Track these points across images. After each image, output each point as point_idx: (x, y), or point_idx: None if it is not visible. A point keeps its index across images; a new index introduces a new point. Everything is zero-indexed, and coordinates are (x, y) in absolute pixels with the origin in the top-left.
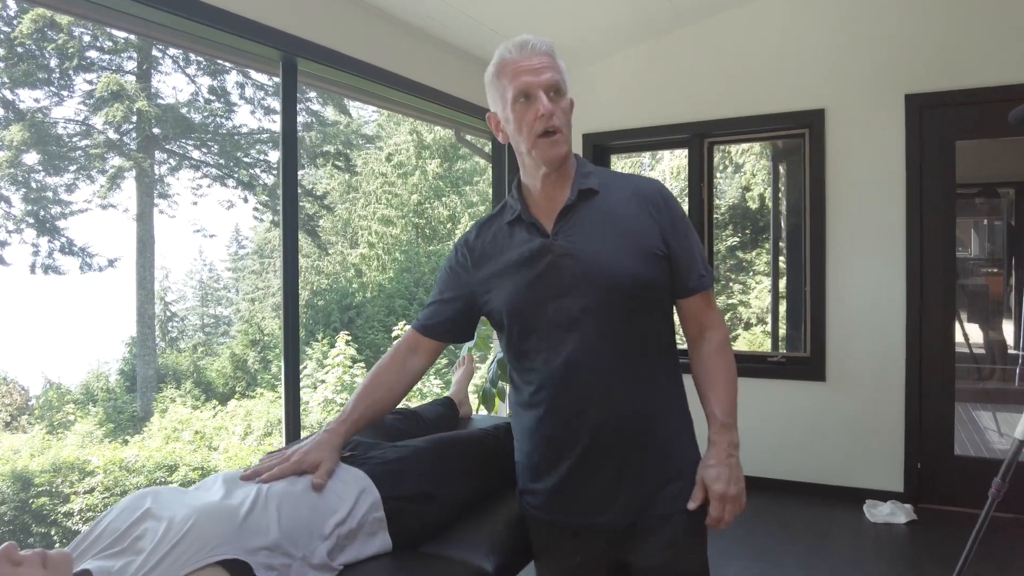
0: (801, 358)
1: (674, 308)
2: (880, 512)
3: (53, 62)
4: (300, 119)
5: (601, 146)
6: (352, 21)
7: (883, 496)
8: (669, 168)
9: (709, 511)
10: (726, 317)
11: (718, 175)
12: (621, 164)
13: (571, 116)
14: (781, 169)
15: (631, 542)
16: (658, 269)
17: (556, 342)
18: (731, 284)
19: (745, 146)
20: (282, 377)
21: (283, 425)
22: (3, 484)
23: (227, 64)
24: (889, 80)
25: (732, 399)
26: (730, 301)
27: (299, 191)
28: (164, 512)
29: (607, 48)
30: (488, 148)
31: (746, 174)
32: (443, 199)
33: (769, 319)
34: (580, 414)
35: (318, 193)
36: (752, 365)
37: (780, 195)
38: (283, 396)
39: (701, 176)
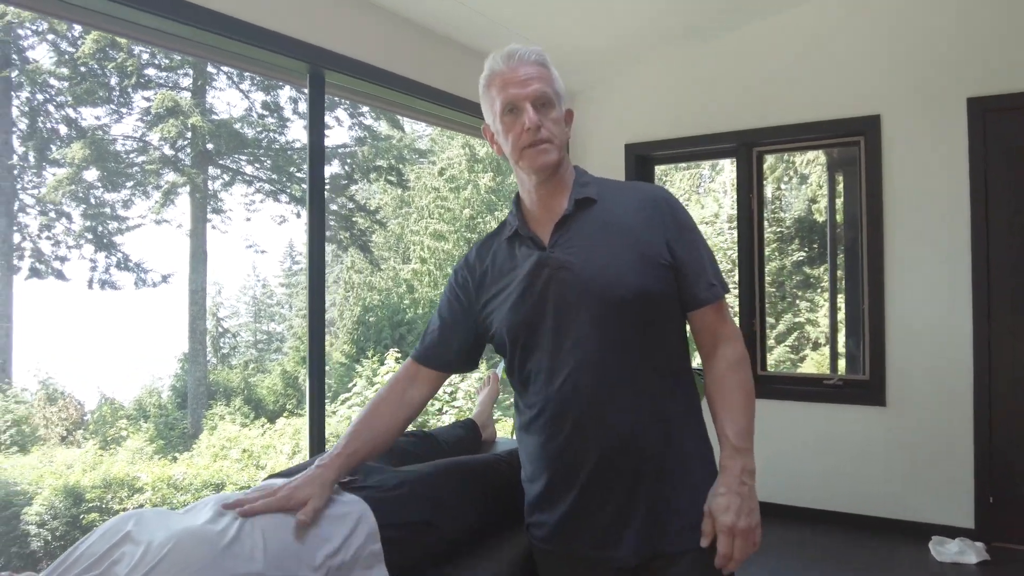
0: (860, 381)
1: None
2: (948, 550)
3: (113, 80)
4: (353, 134)
5: (644, 157)
6: (382, 34)
7: (951, 533)
8: (731, 180)
9: (717, 547)
10: (792, 337)
11: (782, 187)
12: (679, 176)
13: (568, 126)
14: (838, 179)
15: None
16: (664, 280)
17: (557, 361)
18: (797, 302)
19: (811, 156)
20: (306, 394)
21: (307, 441)
22: (56, 499)
23: (276, 80)
24: (949, 83)
25: (748, 420)
26: (797, 319)
27: (352, 207)
28: (143, 536)
29: (648, 55)
30: None
31: (812, 185)
32: (495, 213)
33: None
34: (583, 438)
35: (371, 208)
36: (807, 388)
37: (837, 207)
38: (307, 412)
39: (750, 186)
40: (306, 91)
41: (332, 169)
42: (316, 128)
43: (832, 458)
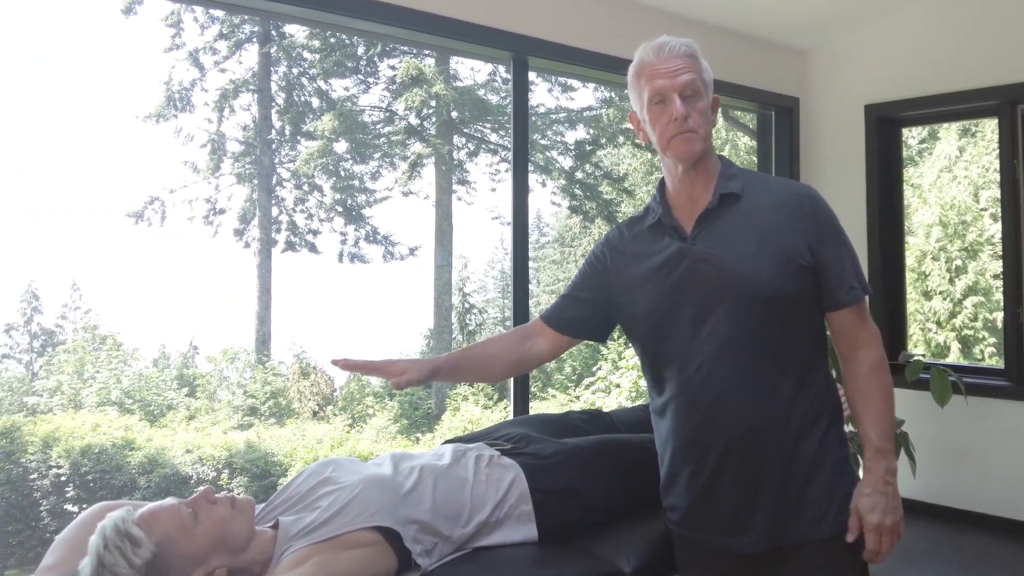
0: None
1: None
2: None
3: (360, 50)
4: (598, 95)
5: (888, 119)
6: (584, 13)
7: None
8: None
9: (866, 543)
10: None
11: None
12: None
13: (715, 115)
14: None
15: (767, 568)
16: (801, 280)
17: (690, 351)
18: None
19: None
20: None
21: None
22: None
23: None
24: None
25: (889, 423)
26: None
27: (598, 174)
28: (341, 479)
29: (892, 4)
30: (749, 121)
31: None
32: None
33: None
34: (711, 427)
35: (617, 175)
36: None
37: None
38: (511, 390)
39: (1014, 151)
40: None
41: (577, 134)
42: (520, 113)
43: None
